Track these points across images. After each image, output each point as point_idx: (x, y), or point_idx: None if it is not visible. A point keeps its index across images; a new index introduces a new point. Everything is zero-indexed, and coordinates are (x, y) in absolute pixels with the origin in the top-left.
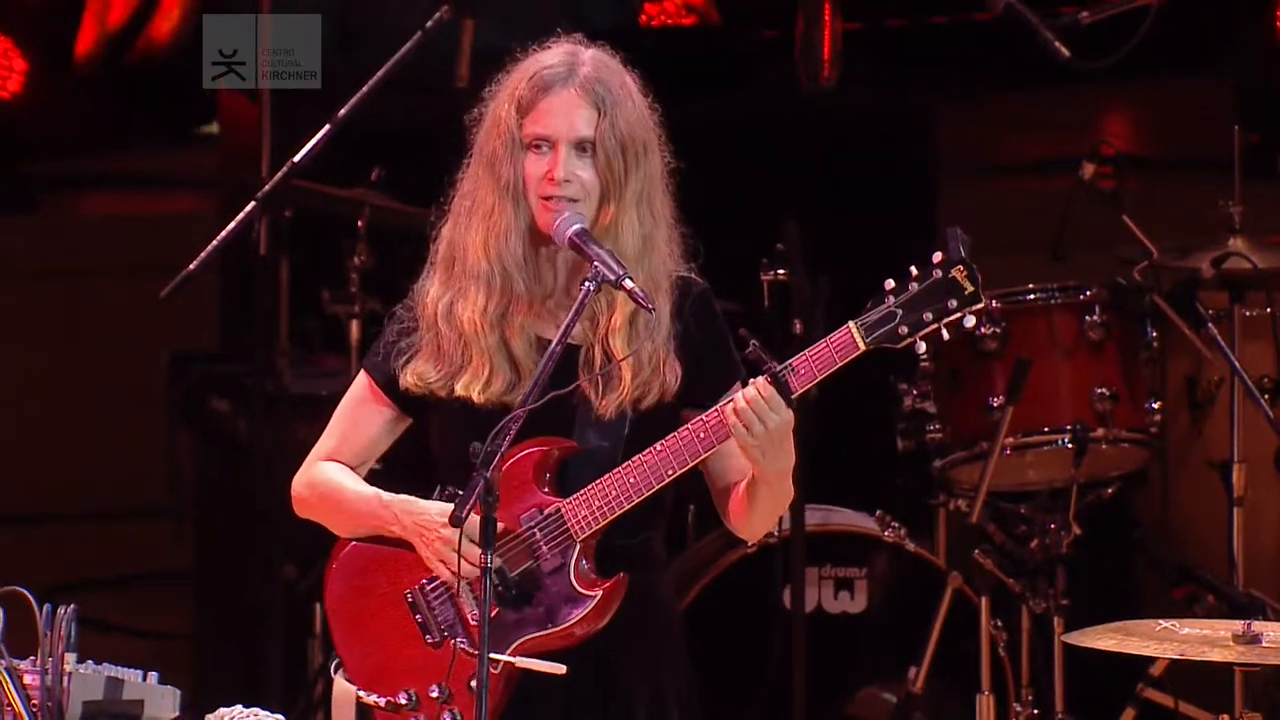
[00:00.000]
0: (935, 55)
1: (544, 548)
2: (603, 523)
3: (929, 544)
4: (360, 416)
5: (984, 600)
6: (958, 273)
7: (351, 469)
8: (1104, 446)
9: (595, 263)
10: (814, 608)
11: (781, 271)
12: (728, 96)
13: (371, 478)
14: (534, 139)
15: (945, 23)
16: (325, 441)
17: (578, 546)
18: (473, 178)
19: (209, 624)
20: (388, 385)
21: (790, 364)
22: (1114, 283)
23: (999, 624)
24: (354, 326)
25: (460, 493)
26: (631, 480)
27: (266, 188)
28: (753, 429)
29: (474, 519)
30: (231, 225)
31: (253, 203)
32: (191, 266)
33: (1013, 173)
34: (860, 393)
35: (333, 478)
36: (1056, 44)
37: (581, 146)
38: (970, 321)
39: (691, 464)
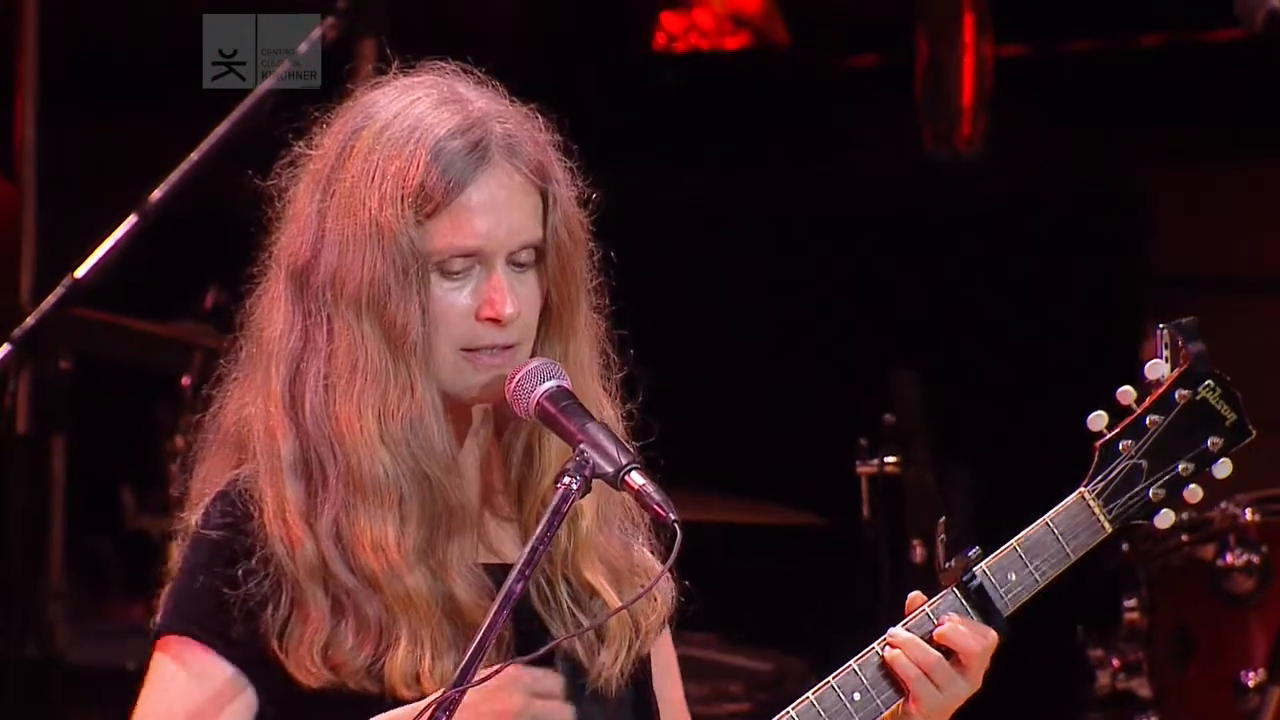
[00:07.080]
0: (1148, 99)
1: None
2: None
3: None
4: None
5: None
6: (1207, 392)
7: None
8: None
9: (583, 446)
10: None
11: (891, 459)
12: (803, 165)
13: None
14: (451, 256)
15: (1164, 44)
16: None
17: None
18: (322, 323)
19: None
20: (255, 664)
21: (989, 566)
22: None
23: None
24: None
25: None
26: None
27: (29, 322)
28: (948, 688)
29: None
30: None
31: (6, 346)
32: None
33: (1274, 291)
34: (1028, 658)
35: None
36: None
37: (519, 258)
38: (1225, 471)
39: None
